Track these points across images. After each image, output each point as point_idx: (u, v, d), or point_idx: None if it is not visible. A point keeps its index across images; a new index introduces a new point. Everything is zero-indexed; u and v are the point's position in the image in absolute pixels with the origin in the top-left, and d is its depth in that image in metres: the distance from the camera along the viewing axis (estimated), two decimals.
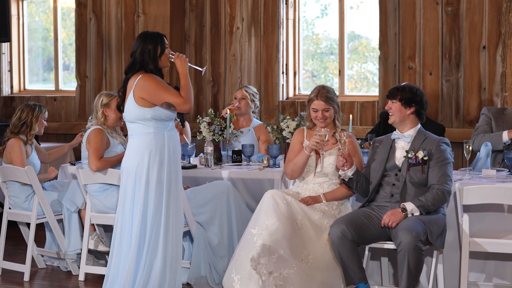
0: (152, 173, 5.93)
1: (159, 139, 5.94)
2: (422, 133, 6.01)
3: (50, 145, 9.61)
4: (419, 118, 6.03)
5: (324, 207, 6.07)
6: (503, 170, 6.62)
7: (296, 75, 9.40)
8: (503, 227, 6.08)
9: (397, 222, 5.71)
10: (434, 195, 5.77)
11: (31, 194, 7.21)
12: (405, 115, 5.98)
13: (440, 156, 5.88)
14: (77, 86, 10.13)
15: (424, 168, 5.86)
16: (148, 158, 5.92)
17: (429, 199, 5.75)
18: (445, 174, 5.83)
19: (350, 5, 9.21)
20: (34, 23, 10.98)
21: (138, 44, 5.98)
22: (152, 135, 5.94)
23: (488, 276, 6.19)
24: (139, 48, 5.96)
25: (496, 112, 7.15)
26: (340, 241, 5.72)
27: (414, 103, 5.96)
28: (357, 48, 9.58)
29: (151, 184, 5.93)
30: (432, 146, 5.89)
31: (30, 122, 7.34)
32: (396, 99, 5.97)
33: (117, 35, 9.82)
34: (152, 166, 5.92)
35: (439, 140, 5.94)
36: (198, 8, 9.58)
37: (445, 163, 5.86)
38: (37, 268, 7.44)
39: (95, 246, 7.04)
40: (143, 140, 5.95)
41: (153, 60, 5.95)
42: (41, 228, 7.55)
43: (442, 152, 5.88)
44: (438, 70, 8.42)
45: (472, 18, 8.25)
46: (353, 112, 8.79)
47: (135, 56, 5.98)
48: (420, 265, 5.59)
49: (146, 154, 5.93)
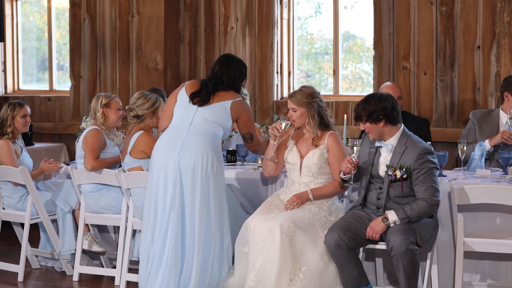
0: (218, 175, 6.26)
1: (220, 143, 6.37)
2: (403, 140, 5.80)
3: (45, 145, 9.61)
4: (393, 123, 5.80)
5: (314, 208, 6.06)
6: (498, 170, 6.63)
7: (290, 75, 9.40)
8: (497, 227, 6.09)
9: (380, 233, 5.67)
10: (421, 207, 5.62)
11: (25, 194, 7.20)
12: (380, 129, 5.78)
13: (421, 169, 5.67)
14: (71, 86, 10.12)
15: (404, 185, 5.74)
16: (220, 157, 6.30)
17: (415, 211, 5.61)
18: (430, 187, 5.65)
19: (344, 4, 9.21)
20: (28, 23, 10.97)
21: (237, 66, 6.40)
22: (220, 139, 6.33)
23: (482, 276, 6.19)
24: (236, 71, 6.38)
25: (482, 116, 7.16)
26: (336, 250, 5.71)
27: (381, 115, 5.74)
28: (352, 48, 9.59)
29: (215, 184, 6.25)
30: (411, 160, 5.69)
31: (6, 120, 7.32)
32: (363, 120, 5.79)
33: (111, 35, 9.80)
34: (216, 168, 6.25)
35: (418, 153, 5.70)
36: (192, 8, 9.57)
37: (427, 175, 5.66)
38: (31, 268, 7.43)
39: (89, 246, 7.04)
40: (218, 141, 6.31)
41: (240, 86, 6.43)
42: (35, 228, 7.54)
43: (423, 163, 5.67)
44: (432, 70, 8.43)
45: (467, 18, 8.26)
46: (348, 112, 8.79)
47: (233, 75, 6.36)
48: (415, 266, 5.58)
49: (220, 153, 6.29)
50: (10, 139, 7.26)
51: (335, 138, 6.18)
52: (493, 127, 7.06)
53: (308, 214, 5.99)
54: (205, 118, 6.21)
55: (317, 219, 6.00)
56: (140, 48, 9.61)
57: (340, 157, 6.07)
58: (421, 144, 5.78)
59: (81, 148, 6.98)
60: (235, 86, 6.37)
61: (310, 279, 5.82)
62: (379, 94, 5.86)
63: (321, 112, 6.20)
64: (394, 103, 5.80)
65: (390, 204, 5.79)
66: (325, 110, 6.25)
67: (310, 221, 5.97)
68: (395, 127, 5.81)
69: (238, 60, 6.44)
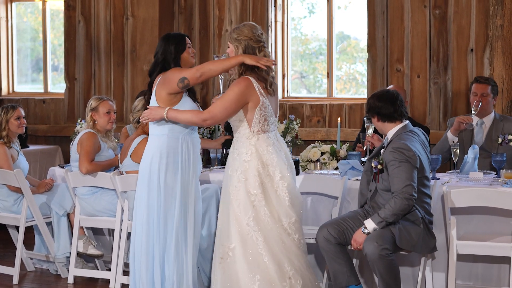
0: (161, 176, 5.86)
1: (172, 142, 5.85)
2: (396, 135, 5.87)
3: (39, 147, 9.60)
4: (389, 120, 5.92)
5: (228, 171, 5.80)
6: (491, 172, 6.66)
7: (284, 77, 9.41)
8: (490, 230, 6.11)
9: (362, 244, 5.67)
10: (393, 204, 5.62)
11: (20, 197, 7.20)
12: (377, 125, 5.99)
13: (391, 162, 5.71)
14: (66, 89, 10.11)
15: (382, 178, 5.80)
16: (158, 161, 5.85)
17: (388, 210, 5.62)
18: (399, 180, 5.65)
19: (338, 5, 9.23)
20: (23, 24, 10.96)
21: (160, 45, 5.94)
22: (165, 137, 5.86)
23: (475, 279, 6.22)
24: (161, 49, 5.91)
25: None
26: (326, 245, 5.79)
27: (374, 113, 5.93)
28: (346, 49, 9.60)
29: (160, 189, 5.86)
30: (388, 152, 5.77)
31: (1, 124, 7.33)
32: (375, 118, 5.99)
33: (106, 38, 9.80)
34: (160, 169, 5.85)
35: (394, 147, 5.74)
36: (187, 11, 9.58)
37: (397, 168, 5.67)
38: (26, 271, 7.43)
39: (85, 249, 7.05)
40: (155, 142, 5.88)
41: (174, 60, 5.89)
42: (30, 231, 7.54)
43: (395, 157, 5.70)
44: (426, 72, 8.45)
45: (460, 21, 8.28)
46: (342, 115, 8.80)
47: (157, 57, 5.92)
48: (392, 271, 5.61)
49: (156, 157, 5.86)
50: (5, 143, 7.27)
51: (237, 81, 5.66)
52: (468, 131, 7.12)
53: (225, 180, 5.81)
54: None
55: (229, 185, 5.79)
56: (134, 50, 9.62)
57: (224, 96, 5.69)
58: (404, 140, 5.78)
59: (75, 151, 6.99)
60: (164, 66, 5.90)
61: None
62: (378, 92, 6.04)
63: (248, 52, 5.72)
64: (394, 102, 5.89)
65: (377, 197, 5.86)
66: (258, 50, 5.71)
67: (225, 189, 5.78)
68: (393, 123, 5.91)
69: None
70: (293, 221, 5.65)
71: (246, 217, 5.61)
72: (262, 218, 5.61)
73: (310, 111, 9.04)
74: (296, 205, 5.69)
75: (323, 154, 6.97)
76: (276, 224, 5.62)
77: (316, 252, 6.60)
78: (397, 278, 5.64)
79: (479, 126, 7.10)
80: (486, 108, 7.06)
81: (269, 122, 5.68)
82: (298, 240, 5.67)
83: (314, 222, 6.58)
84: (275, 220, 5.62)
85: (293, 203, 5.67)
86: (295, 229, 5.66)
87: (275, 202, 5.64)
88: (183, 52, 5.93)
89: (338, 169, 6.77)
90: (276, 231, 5.61)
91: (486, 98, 7.05)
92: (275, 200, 5.64)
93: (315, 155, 6.93)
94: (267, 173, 5.64)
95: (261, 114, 5.63)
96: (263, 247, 5.58)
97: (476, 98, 7.04)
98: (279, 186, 5.63)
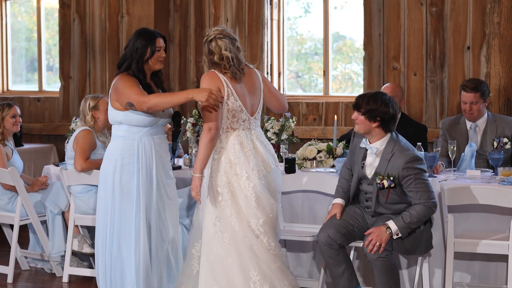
0: (115, 179, 5.72)
1: (127, 144, 5.71)
2: (390, 146, 5.69)
3: (34, 146, 9.57)
4: (385, 130, 5.71)
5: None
6: (488, 170, 6.64)
7: (280, 75, 9.40)
8: (487, 227, 6.10)
9: (384, 243, 5.54)
10: (419, 211, 5.55)
11: (14, 195, 7.17)
12: (370, 128, 5.69)
13: (410, 177, 5.59)
14: (61, 87, 10.09)
15: (391, 193, 5.66)
16: (114, 163, 5.72)
17: (414, 216, 5.54)
18: (424, 191, 5.58)
19: (334, 5, 9.21)
20: (17, 23, 10.93)
21: (130, 40, 5.73)
22: (122, 139, 5.73)
23: (473, 277, 6.20)
24: (130, 44, 5.71)
25: (450, 124, 7.19)
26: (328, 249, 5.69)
27: (378, 117, 5.65)
28: (342, 49, 9.59)
29: (115, 190, 5.73)
30: (398, 168, 5.60)
31: None
32: (360, 111, 5.68)
33: (101, 36, 9.78)
34: (115, 171, 5.71)
35: (405, 161, 5.59)
36: (182, 8, 9.56)
37: (418, 181, 5.58)
38: (20, 270, 7.41)
39: (79, 247, 7.02)
40: (113, 144, 5.77)
41: (137, 61, 5.69)
42: (24, 229, 7.52)
43: (411, 171, 5.59)
44: (422, 70, 8.44)
45: (457, 19, 8.27)
46: (338, 113, 8.79)
47: (125, 52, 5.73)
48: (390, 271, 5.57)
49: (112, 159, 5.73)
50: (0, 141, 7.25)
51: (202, 77, 5.67)
52: (461, 134, 7.10)
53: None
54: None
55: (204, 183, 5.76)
56: None
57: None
58: (408, 151, 5.66)
59: (71, 149, 6.97)
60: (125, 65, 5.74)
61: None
62: (387, 97, 5.72)
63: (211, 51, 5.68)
64: (396, 112, 5.71)
65: (380, 209, 5.77)
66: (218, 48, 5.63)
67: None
68: (384, 133, 5.73)
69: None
70: (261, 222, 5.55)
71: (213, 216, 5.58)
72: (229, 218, 5.56)
73: (306, 109, 9.02)
74: (264, 207, 5.59)
75: (320, 152, 6.94)
76: (243, 226, 5.54)
77: (312, 251, 6.58)
78: (394, 277, 5.60)
79: (473, 129, 7.08)
80: (476, 114, 7.04)
81: (239, 118, 5.62)
82: (268, 243, 5.56)
83: (310, 220, 6.56)
84: (242, 221, 5.55)
85: (260, 204, 5.57)
86: (263, 231, 5.56)
87: (242, 202, 5.58)
88: (150, 57, 5.70)
89: (335, 167, 6.75)
90: (242, 233, 5.53)
91: (476, 105, 7.01)
92: (242, 200, 5.58)
93: (312, 153, 6.90)
94: (234, 172, 5.59)
95: (228, 109, 5.58)
96: (228, 248, 5.53)
97: (466, 106, 7.01)
98: (246, 186, 5.57)
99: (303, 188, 6.50)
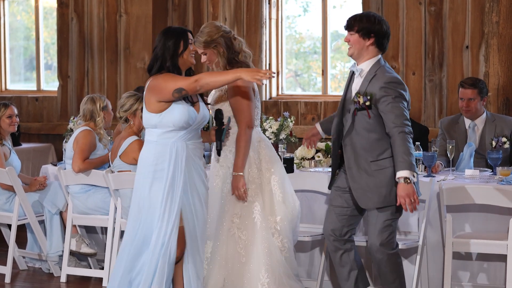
0: (145, 186, 5.43)
1: (159, 149, 5.44)
2: (374, 68, 5.47)
3: (32, 145, 9.57)
4: (379, 48, 5.52)
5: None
6: (486, 170, 6.63)
7: (279, 75, 9.39)
8: (486, 227, 6.10)
9: (415, 194, 5.26)
10: (399, 141, 5.26)
11: (12, 195, 7.16)
12: (363, 47, 5.47)
13: (387, 97, 5.34)
14: (59, 86, 10.08)
15: (370, 113, 5.39)
16: (145, 169, 5.44)
17: (400, 147, 5.25)
18: (399, 114, 5.31)
19: (333, 4, 9.20)
20: (16, 22, 10.92)
21: (159, 40, 5.50)
22: (154, 144, 5.46)
23: (471, 276, 6.20)
24: (160, 44, 5.47)
25: (449, 123, 7.20)
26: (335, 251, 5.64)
27: (373, 33, 5.42)
28: (340, 48, 9.58)
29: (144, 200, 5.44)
30: (377, 88, 5.38)
31: None
32: (354, 30, 5.47)
33: (99, 35, 9.77)
34: (146, 177, 5.42)
35: (384, 81, 5.38)
36: (180, 8, 9.55)
37: (395, 103, 5.33)
38: (18, 270, 7.40)
39: (77, 247, 7.01)
40: (145, 149, 5.51)
41: (171, 57, 5.45)
42: (22, 229, 7.51)
43: (388, 91, 5.35)
44: (421, 70, 8.43)
45: (455, 18, 8.26)
46: None
47: (156, 52, 5.49)
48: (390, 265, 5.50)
49: (143, 164, 5.47)
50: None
51: (236, 87, 5.67)
52: (460, 133, 7.09)
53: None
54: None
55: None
56: (128, 48, 9.58)
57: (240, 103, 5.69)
58: (390, 74, 5.47)
59: (71, 149, 6.96)
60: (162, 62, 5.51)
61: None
62: (379, 15, 5.57)
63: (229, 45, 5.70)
64: (389, 30, 5.55)
65: (351, 136, 5.49)
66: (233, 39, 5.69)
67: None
68: (377, 51, 5.52)
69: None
70: (278, 220, 5.56)
71: (232, 213, 5.55)
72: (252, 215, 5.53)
73: (304, 108, 9.01)
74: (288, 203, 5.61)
75: (318, 152, 6.94)
76: (266, 222, 5.52)
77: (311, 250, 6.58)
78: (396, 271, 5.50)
79: (471, 128, 7.07)
80: (475, 112, 7.03)
81: (258, 116, 5.72)
82: (282, 243, 5.55)
83: (309, 219, 6.54)
84: (265, 217, 5.53)
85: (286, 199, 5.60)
86: (279, 229, 5.55)
87: (267, 198, 5.57)
88: (184, 50, 5.48)
89: None
90: (264, 230, 5.49)
91: (474, 102, 7.00)
92: (268, 196, 5.58)
93: (310, 153, 6.89)
94: (262, 167, 5.61)
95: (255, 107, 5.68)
96: (244, 246, 5.49)
97: (464, 103, 7.01)
98: (271, 181, 5.58)
99: (302, 187, 6.48)
